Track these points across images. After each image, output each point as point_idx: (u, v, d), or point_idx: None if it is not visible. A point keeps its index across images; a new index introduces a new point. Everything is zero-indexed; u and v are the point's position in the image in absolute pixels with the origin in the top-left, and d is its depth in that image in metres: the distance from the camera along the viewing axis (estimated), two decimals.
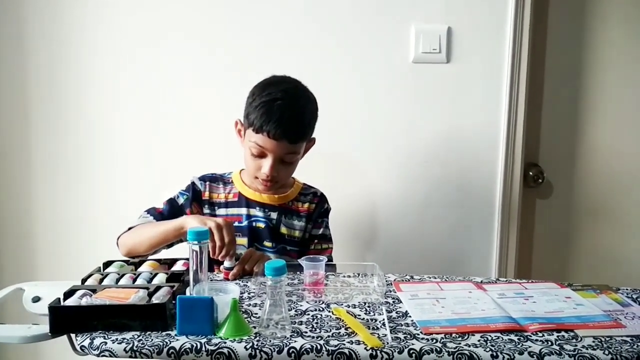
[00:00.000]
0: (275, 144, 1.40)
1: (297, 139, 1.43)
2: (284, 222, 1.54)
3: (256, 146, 1.42)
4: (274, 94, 1.42)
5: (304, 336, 0.99)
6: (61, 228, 1.91)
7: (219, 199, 1.55)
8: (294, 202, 1.57)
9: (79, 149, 1.88)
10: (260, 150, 1.42)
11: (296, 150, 1.45)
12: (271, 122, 1.38)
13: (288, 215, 1.55)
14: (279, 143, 1.40)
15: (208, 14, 1.81)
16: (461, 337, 1.00)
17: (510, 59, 1.83)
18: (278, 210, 1.54)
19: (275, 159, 1.43)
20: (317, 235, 1.59)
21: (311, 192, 1.61)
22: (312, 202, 1.59)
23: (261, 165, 1.44)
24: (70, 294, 1.06)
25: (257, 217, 1.53)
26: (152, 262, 1.27)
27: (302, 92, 1.49)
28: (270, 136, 1.39)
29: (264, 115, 1.40)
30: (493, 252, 1.92)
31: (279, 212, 1.54)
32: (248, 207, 1.53)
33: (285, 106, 1.41)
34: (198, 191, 1.54)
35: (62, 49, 1.83)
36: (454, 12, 1.82)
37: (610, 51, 1.93)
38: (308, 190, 1.61)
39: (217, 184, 1.57)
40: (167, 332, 0.99)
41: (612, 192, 2.00)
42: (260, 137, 1.41)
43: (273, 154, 1.42)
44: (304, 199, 1.58)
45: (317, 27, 1.82)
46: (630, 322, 1.06)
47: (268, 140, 1.40)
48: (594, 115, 1.97)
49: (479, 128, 1.87)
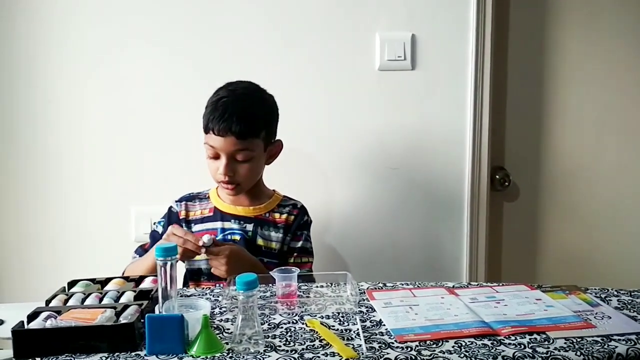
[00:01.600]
0: (222, 141, 1.41)
1: (243, 133, 1.41)
2: (259, 233, 1.52)
3: (208, 147, 1.45)
4: (220, 94, 1.47)
5: (277, 350, 0.98)
6: (25, 248, 1.85)
7: (195, 215, 1.55)
8: (271, 213, 1.55)
9: (43, 167, 1.82)
10: (212, 150, 1.44)
11: (247, 147, 1.43)
12: (215, 119, 1.41)
13: (264, 227, 1.53)
14: (226, 139, 1.41)
15: (173, 23, 1.79)
16: (435, 344, 1.00)
17: (474, 64, 1.85)
18: (254, 222, 1.52)
19: (227, 157, 1.43)
20: (296, 248, 1.56)
21: (290, 203, 1.59)
22: (290, 213, 1.57)
23: (218, 167, 1.45)
24: (34, 316, 1.03)
25: (232, 229, 1.51)
26: (119, 279, 1.24)
27: (253, 91, 1.51)
28: (216, 132, 1.41)
29: (210, 114, 1.43)
30: (463, 255, 1.94)
31: (254, 223, 1.52)
32: (222, 220, 1.52)
33: (229, 103, 1.43)
34: (175, 213, 1.55)
35: (22, 59, 1.78)
36: (417, 20, 1.84)
37: (571, 54, 1.98)
38: (287, 201, 1.59)
39: (193, 202, 1.57)
40: (136, 353, 0.97)
41: (576, 192, 2.04)
42: (209, 136, 1.43)
43: (223, 152, 1.43)
44: (282, 210, 1.56)
45: (282, 36, 1.82)
46: (600, 322, 1.08)
47: (215, 138, 1.42)
48: (557, 118, 2.01)
49: (445, 133, 1.89)
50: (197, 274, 1.50)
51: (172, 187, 1.78)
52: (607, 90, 2.01)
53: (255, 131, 1.45)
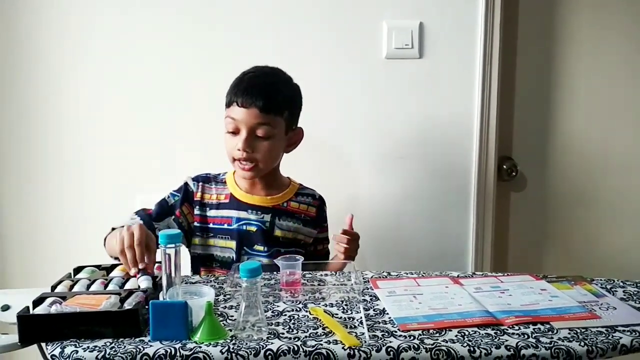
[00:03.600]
0: (245, 113, 1.39)
1: (267, 107, 1.39)
2: (277, 224, 1.50)
3: (229, 120, 1.41)
4: (246, 71, 1.47)
5: (280, 338, 0.98)
6: (31, 234, 1.86)
7: (211, 199, 1.50)
8: (288, 203, 1.53)
9: (50, 153, 1.83)
10: (232, 124, 1.41)
11: (269, 122, 1.40)
12: (239, 91, 1.40)
13: (282, 217, 1.51)
14: (249, 111, 1.38)
15: (187, 13, 1.78)
16: (439, 332, 0.99)
17: (482, 53, 1.83)
18: (271, 212, 1.50)
19: (248, 130, 1.39)
20: (323, 238, 1.59)
21: (309, 193, 1.58)
22: (311, 204, 1.56)
23: (236, 143, 1.40)
24: (40, 301, 1.04)
25: (248, 220, 1.48)
26: (124, 266, 1.24)
27: (280, 72, 1.49)
28: (239, 104, 1.39)
29: (234, 88, 1.42)
30: (469, 246, 1.93)
31: (272, 214, 1.50)
32: (238, 209, 1.48)
33: (254, 77, 1.44)
34: (190, 192, 1.50)
35: (30, 47, 1.79)
36: (425, 8, 1.82)
37: (580, 43, 1.96)
38: (304, 190, 1.58)
39: (209, 184, 1.52)
40: (140, 339, 0.97)
41: (584, 183, 2.03)
42: (231, 109, 1.41)
43: (244, 124, 1.39)
44: (300, 199, 1.55)
45: (289, 24, 1.81)
46: (605, 312, 1.07)
47: (238, 110, 1.39)
48: (565, 108, 1.99)
49: (452, 123, 1.88)
50: (209, 260, 1.48)
51: (178, 175, 1.78)
52: (617, 81, 1.98)
53: (278, 107, 1.42)
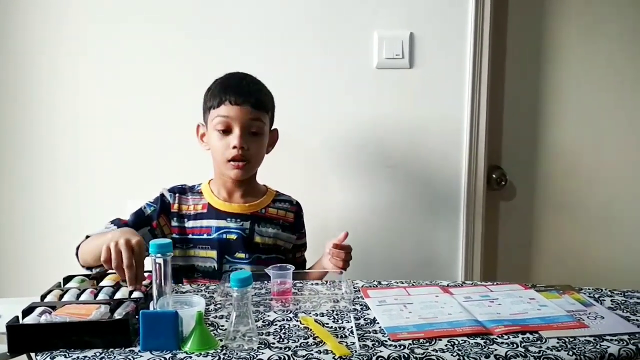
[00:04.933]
0: (238, 110, 1.42)
1: (258, 104, 1.44)
2: (257, 230, 1.52)
3: (221, 119, 1.43)
4: (228, 74, 1.50)
5: (271, 347, 0.98)
6: (21, 243, 1.85)
7: (188, 210, 1.51)
8: (267, 209, 1.55)
9: (41, 161, 1.82)
10: (225, 122, 1.43)
11: (260, 117, 1.45)
12: (230, 90, 1.43)
13: (261, 223, 1.53)
14: (242, 108, 1.42)
15: (179, 22, 1.79)
16: (429, 342, 1.00)
17: (472, 64, 1.85)
18: (250, 219, 1.51)
19: (242, 128, 1.42)
20: (301, 245, 1.62)
21: (285, 199, 1.60)
22: (289, 210, 1.58)
23: (229, 142, 1.42)
24: (29, 311, 1.03)
25: (228, 228, 1.49)
26: (115, 275, 1.24)
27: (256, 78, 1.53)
28: (232, 102, 1.42)
29: (222, 88, 1.45)
30: (459, 255, 1.94)
31: (251, 220, 1.51)
32: (217, 218, 1.50)
33: (241, 77, 1.48)
34: (167, 203, 1.50)
35: (23, 53, 1.78)
36: (416, 18, 1.84)
37: (570, 53, 1.98)
38: (281, 197, 1.60)
39: (186, 195, 1.53)
40: (130, 349, 0.97)
41: (573, 192, 2.04)
42: (222, 108, 1.43)
43: (239, 121, 1.42)
44: (278, 205, 1.57)
45: (279, 33, 1.81)
46: (593, 321, 1.08)
47: (231, 108, 1.42)
48: (554, 118, 2.01)
49: (442, 132, 1.89)
50: (190, 270, 1.49)
51: (167, 181, 1.78)
52: (605, 90, 2.01)
53: (267, 105, 1.48)
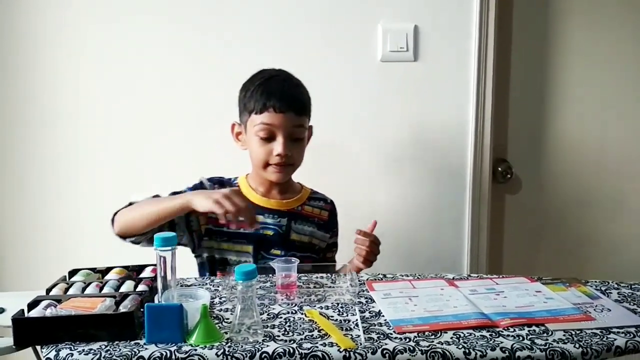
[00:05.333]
0: (282, 118, 1.38)
1: (301, 110, 1.42)
2: (293, 228, 1.50)
3: (264, 127, 1.39)
4: (267, 74, 1.44)
5: (276, 340, 0.98)
6: (26, 236, 1.86)
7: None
8: (303, 207, 1.53)
9: (45, 155, 1.83)
10: (268, 129, 1.39)
11: (303, 123, 1.43)
12: (274, 97, 1.38)
13: (298, 221, 1.51)
14: (286, 115, 1.38)
15: (182, 18, 1.79)
16: (434, 335, 1.00)
17: (477, 56, 1.84)
18: (287, 216, 1.50)
19: (285, 135, 1.40)
20: (334, 243, 1.61)
21: (320, 197, 1.59)
22: (323, 209, 1.57)
23: (272, 149, 1.40)
24: (35, 304, 1.03)
25: (265, 224, 1.47)
26: (120, 269, 1.24)
27: (292, 74, 1.49)
28: (277, 110, 1.38)
29: (264, 93, 1.39)
30: (464, 248, 1.94)
31: (288, 217, 1.49)
32: (256, 213, 1.43)
33: (284, 80, 1.43)
34: None
35: (39, 47, 1.78)
36: (421, 11, 1.83)
37: (575, 46, 1.96)
38: (316, 195, 1.59)
39: (225, 188, 1.44)
40: (135, 342, 0.97)
41: (579, 185, 2.03)
42: (266, 115, 1.38)
43: (282, 129, 1.39)
44: (313, 203, 1.56)
45: (283, 26, 1.81)
46: (600, 314, 1.08)
47: (275, 116, 1.38)
48: (560, 110, 2.00)
49: (447, 125, 1.88)
50: (222, 264, 1.45)
51: (172, 177, 1.77)
52: (611, 83, 1.99)
53: (308, 108, 1.46)
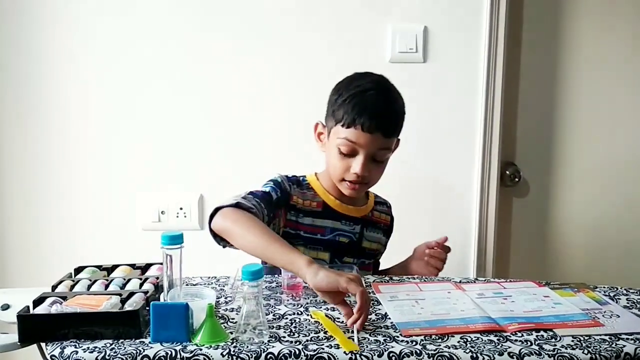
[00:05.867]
0: (368, 138, 1.28)
1: (391, 132, 1.32)
2: (365, 235, 1.46)
3: (347, 143, 1.30)
4: (364, 85, 1.32)
5: (282, 341, 0.97)
6: (32, 233, 1.86)
7: (304, 206, 1.39)
8: (373, 213, 1.49)
9: (51, 152, 1.83)
10: (351, 147, 1.30)
11: (389, 145, 1.33)
12: (365, 114, 1.27)
13: (369, 228, 1.47)
14: (373, 136, 1.28)
15: (189, 14, 1.79)
16: (441, 338, 0.99)
17: (486, 58, 1.83)
18: (361, 223, 1.45)
19: (367, 155, 1.30)
20: (386, 246, 1.56)
21: (383, 202, 1.56)
22: (387, 213, 1.54)
23: (350, 165, 1.31)
24: (40, 301, 1.03)
25: (342, 231, 1.41)
26: (125, 267, 1.24)
27: (391, 85, 1.37)
28: (365, 129, 1.27)
29: (356, 107, 1.28)
30: (471, 251, 1.93)
31: (362, 224, 1.45)
32: (333, 219, 1.40)
33: (378, 96, 1.31)
34: (288, 193, 1.37)
35: (32, 46, 1.78)
36: (430, 12, 1.82)
37: (585, 49, 1.95)
38: (379, 199, 1.55)
39: (302, 189, 1.41)
40: (140, 340, 0.97)
41: (587, 190, 2.02)
42: (352, 131, 1.29)
43: (365, 149, 1.30)
44: (379, 208, 1.52)
45: (293, 26, 1.80)
46: (609, 320, 1.07)
47: (361, 135, 1.28)
48: (569, 114, 1.98)
49: (455, 128, 1.88)
50: None
51: (177, 173, 1.78)
52: (621, 87, 1.98)
53: (399, 130, 1.36)
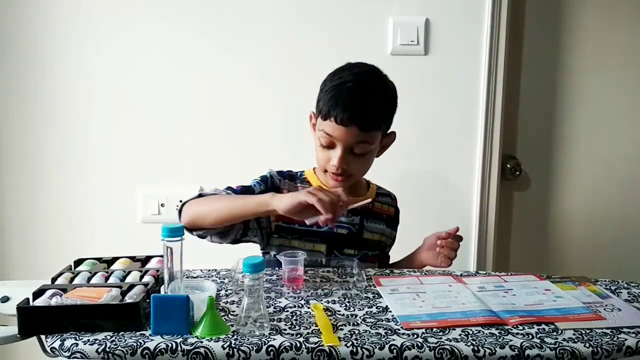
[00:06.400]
0: (343, 131, 1.28)
1: (367, 125, 1.30)
2: (366, 226, 1.45)
3: (324, 135, 1.31)
4: (344, 78, 1.32)
5: (283, 334, 0.97)
6: (32, 225, 1.86)
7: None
8: (374, 204, 1.48)
9: (50, 145, 1.83)
10: (328, 139, 1.31)
11: (368, 139, 1.32)
12: (338, 107, 1.27)
13: (370, 219, 1.46)
14: (348, 129, 1.28)
15: (190, 10, 1.79)
16: (442, 331, 0.99)
17: (488, 51, 1.82)
18: (360, 214, 1.44)
19: (344, 148, 1.31)
20: (394, 239, 1.55)
21: (386, 193, 1.55)
22: (390, 204, 1.53)
23: (330, 157, 1.33)
24: (40, 293, 1.03)
25: (339, 222, 1.40)
26: (126, 259, 1.24)
27: (377, 78, 1.37)
28: (338, 121, 1.28)
29: (332, 100, 1.29)
30: (471, 244, 1.92)
31: (361, 216, 1.45)
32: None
33: (355, 89, 1.30)
34: (276, 187, 1.39)
35: (36, 44, 1.77)
36: (432, 4, 1.81)
37: (587, 43, 1.94)
38: (382, 190, 1.54)
39: (294, 182, 1.43)
40: (141, 332, 0.96)
41: (588, 184, 2.02)
42: (328, 123, 1.30)
43: (342, 142, 1.30)
44: (381, 199, 1.51)
45: (293, 19, 1.80)
46: (610, 314, 1.06)
47: (336, 127, 1.29)
48: (571, 107, 1.98)
49: (456, 120, 1.87)
50: None
51: (178, 166, 1.78)
52: (622, 80, 1.97)
53: (378, 124, 1.34)
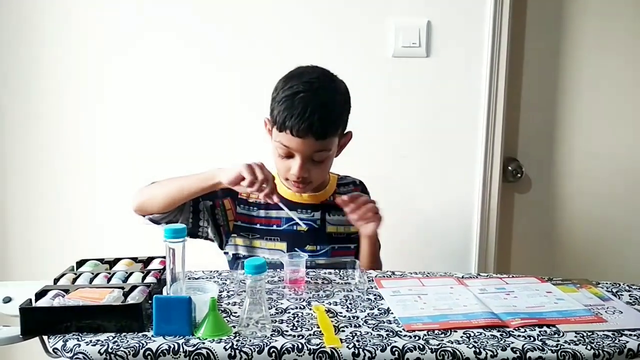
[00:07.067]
0: (300, 142, 1.28)
1: (324, 134, 1.29)
2: (328, 220, 1.45)
3: (281, 146, 1.31)
4: (295, 87, 1.30)
5: (284, 335, 0.97)
6: (34, 226, 1.86)
7: (258, 199, 1.41)
8: (334, 196, 1.46)
9: (53, 146, 1.83)
10: (286, 150, 1.31)
11: (326, 147, 1.32)
12: (293, 118, 1.26)
13: (331, 212, 1.45)
14: (305, 140, 1.28)
15: (190, 12, 1.79)
16: (444, 333, 0.99)
17: (490, 53, 1.83)
18: (321, 209, 1.44)
19: (304, 158, 1.31)
20: None
21: (349, 181, 1.53)
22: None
23: (290, 166, 1.33)
24: (42, 294, 1.03)
25: (300, 219, 1.40)
26: (128, 260, 1.24)
27: (328, 81, 1.36)
28: (294, 133, 1.27)
29: (286, 111, 1.28)
30: (473, 247, 1.92)
31: (322, 210, 1.44)
32: (288, 209, 1.39)
33: (307, 99, 1.28)
34: (229, 189, 1.37)
35: (37, 45, 1.78)
36: (434, 6, 1.81)
37: (588, 45, 1.95)
38: (345, 179, 1.53)
39: None
40: (143, 333, 0.96)
41: (589, 185, 2.02)
42: (284, 135, 1.29)
43: (300, 153, 1.30)
44: (343, 190, 1.49)
45: (296, 22, 1.80)
46: (611, 316, 1.06)
47: (292, 139, 1.28)
48: (572, 110, 1.98)
49: (458, 123, 1.87)
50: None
51: (181, 168, 1.77)
52: (623, 83, 1.98)
53: (334, 129, 1.33)
